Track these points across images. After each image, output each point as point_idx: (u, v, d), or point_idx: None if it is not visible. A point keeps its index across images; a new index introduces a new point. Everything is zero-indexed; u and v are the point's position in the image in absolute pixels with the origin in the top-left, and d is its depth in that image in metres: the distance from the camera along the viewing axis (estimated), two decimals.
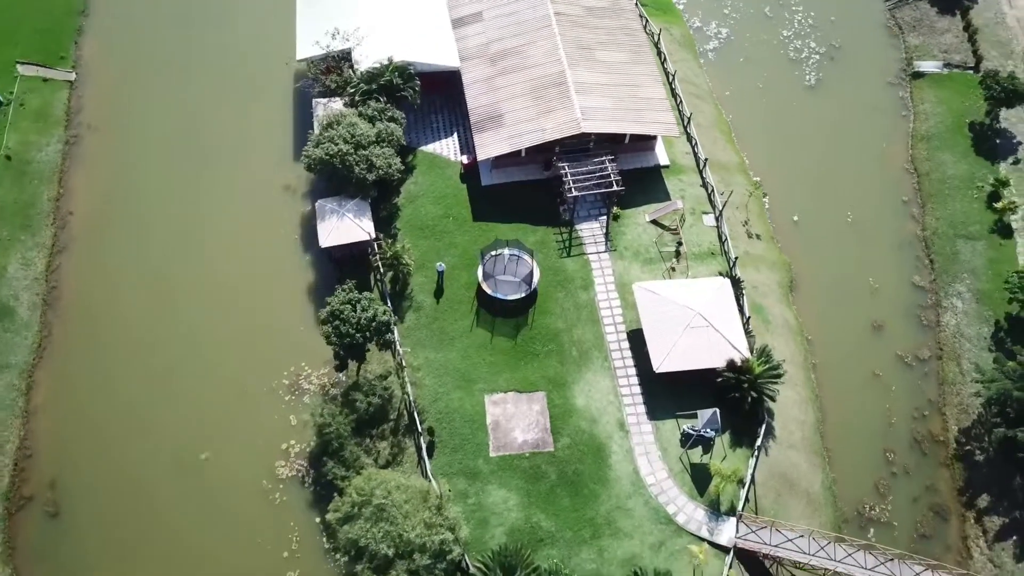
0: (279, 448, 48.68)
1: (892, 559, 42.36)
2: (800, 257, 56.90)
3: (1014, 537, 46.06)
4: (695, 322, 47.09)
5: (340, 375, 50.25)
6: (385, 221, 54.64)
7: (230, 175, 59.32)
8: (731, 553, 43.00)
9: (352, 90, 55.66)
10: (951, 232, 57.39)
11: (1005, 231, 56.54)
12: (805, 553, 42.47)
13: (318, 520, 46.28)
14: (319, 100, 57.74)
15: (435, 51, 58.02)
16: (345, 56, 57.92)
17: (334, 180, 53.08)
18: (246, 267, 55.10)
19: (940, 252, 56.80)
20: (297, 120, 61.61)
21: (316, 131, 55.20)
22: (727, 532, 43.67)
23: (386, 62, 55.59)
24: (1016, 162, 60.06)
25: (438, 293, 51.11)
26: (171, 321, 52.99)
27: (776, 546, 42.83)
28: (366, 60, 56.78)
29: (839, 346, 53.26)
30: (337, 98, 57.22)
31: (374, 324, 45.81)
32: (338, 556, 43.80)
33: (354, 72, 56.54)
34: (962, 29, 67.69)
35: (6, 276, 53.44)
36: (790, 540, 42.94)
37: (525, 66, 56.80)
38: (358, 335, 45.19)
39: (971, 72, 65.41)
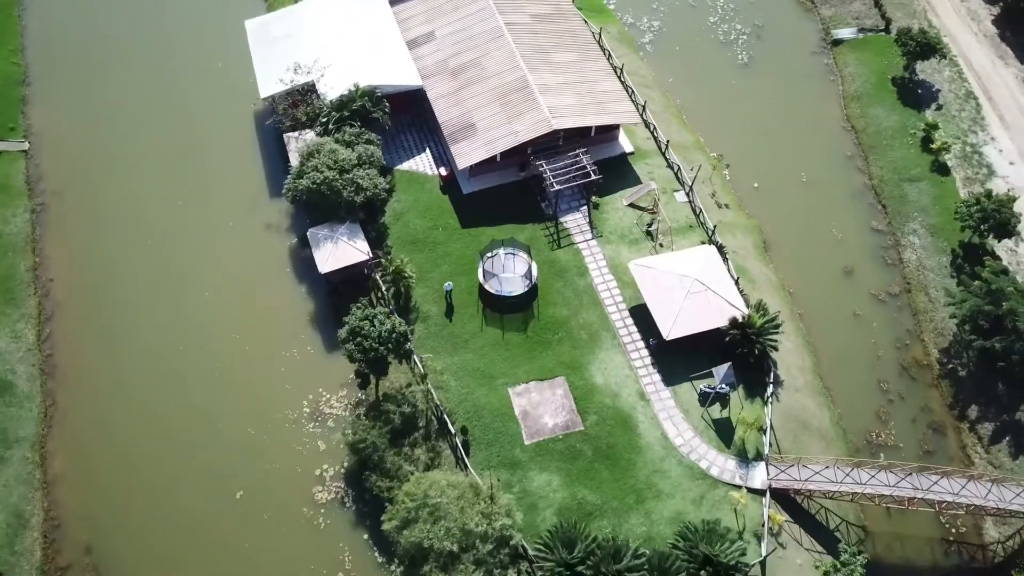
0: (313, 474, 49.05)
1: (911, 473, 45.86)
2: (767, 219, 60.70)
3: (1007, 438, 50.31)
4: (694, 288, 50.00)
5: (362, 393, 50.95)
6: (376, 241, 55.68)
7: (209, 221, 59.34)
8: (767, 494, 45.76)
9: (324, 119, 56.88)
10: (896, 177, 62.33)
11: (943, 170, 61.77)
12: (833, 482, 45.52)
13: (366, 537, 46.91)
14: (290, 134, 58.66)
15: (396, 72, 59.85)
16: (310, 88, 59.12)
17: (322, 207, 54.01)
18: (244, 308, 55.29)
19: (889, 197, 61.61)
20: (267, 158, 62.25)
21: (295, 163, 56.18)
22: (759, 476, 46.43)
23: (353, 88, 57.08)
24: (939, 107, 65.75)
25: (449, 311, 52.35)
26: (176, 372, 52.69)
27: (806, 481, 45.79)
28: (332, 89, 58.14)
29: (818, 294, 57.10)
30: (309, 130, 58.27)
31: (393, 336, 46.97)
32: (393, 568, 44.85)
33: (323, 102, 57.76)
34: None
35: None
36: (817, 473, 45.95)
37: (486, 76, 59.20)
38: (381, 348, 46.25)
39: (883, 33, 71.25)
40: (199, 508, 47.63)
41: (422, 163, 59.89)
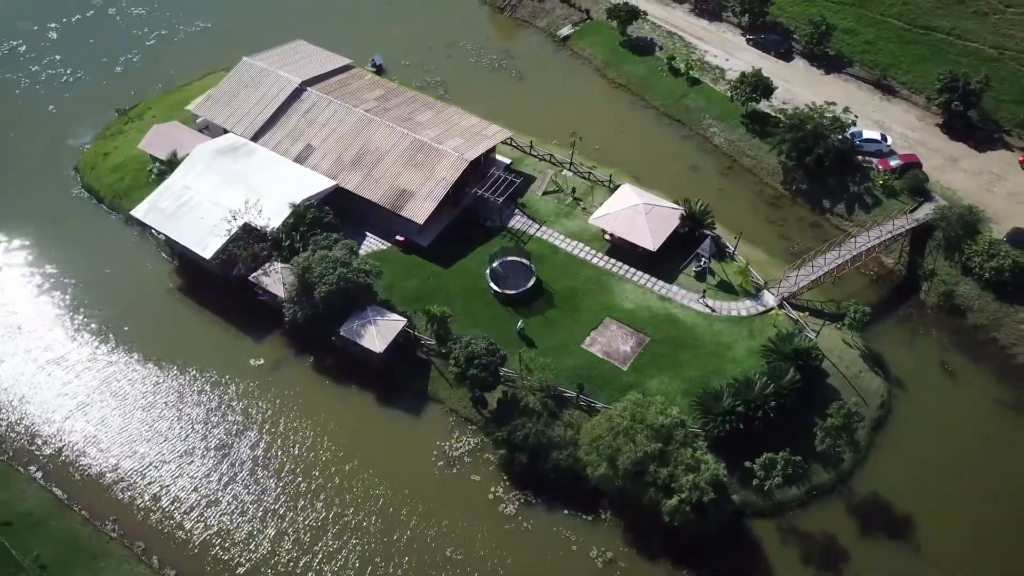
0: (487, 500, 54.01)
1: (841, 243, 65.05)
2: (623, 164, 76.88)
3: (855, 205, 72.03)
4: (644, 209, 64.40)
5: (472, 426, 56.89)
6: None
7: (219, 394, 59.77)
8: (785, 305, 61.66)
9: (287, 241, 60.95)
10: (671, 100, 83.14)
11: (695, 82, 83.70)
12: (814, 273, 62.96)
13: (566, 512, 53.43)
14: (256, 274, 61.37)
15: (310, 184, 65.67)
16: (249, 229, 62.28)
17: (339, 305, 58.07)
18: (316, 433, 57.51)
19: (679, 113, 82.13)
20: (227, 314, 63.65)
21: (280, 292, 59.62)
22: (770, 299, 62.17)
23: (295, 206, 62.03)
24: (661, 48, 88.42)
25: (530, 344, 59.67)
26: (300, 503, 53.72)
27: (798, 284, 62.55)
28: (270, 220, 62.27)
29: (692, 191, 73.77)
30: (271, 263, 61.49)
31: (492, 347, 54.32)
32: (604, 515, 52.36)
33: (272, 231, 61.59)
34: (559, 1, 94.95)
35: None
36: (801, 275, 63.05)
37: (384, 152, 67.77)
38: (495, 358, 53.43)
39: (589, 20, 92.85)
40: None
41: (372, 243, 66.43)
